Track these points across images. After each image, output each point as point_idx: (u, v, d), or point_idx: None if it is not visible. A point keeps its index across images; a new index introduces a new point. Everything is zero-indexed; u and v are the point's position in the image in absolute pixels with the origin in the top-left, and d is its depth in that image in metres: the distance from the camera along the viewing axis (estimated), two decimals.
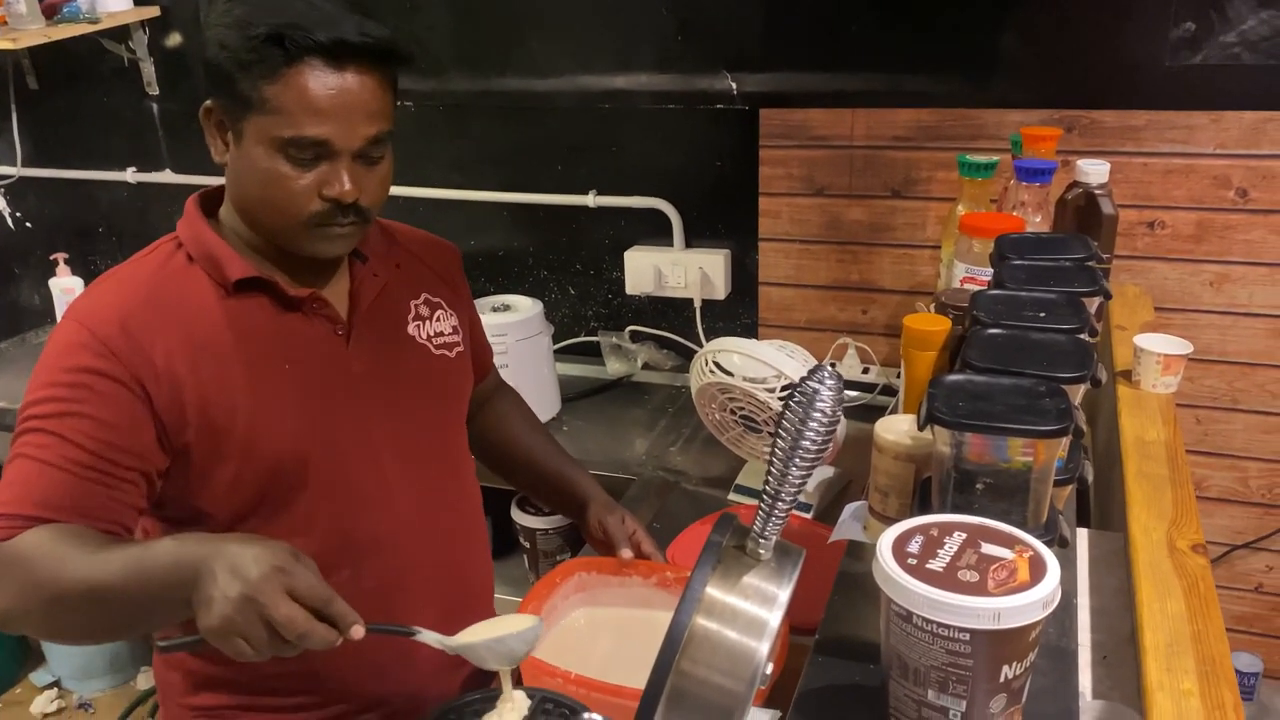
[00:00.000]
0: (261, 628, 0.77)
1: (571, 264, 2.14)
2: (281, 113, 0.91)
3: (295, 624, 0.77)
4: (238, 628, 0.77)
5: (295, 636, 0.77)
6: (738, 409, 1.50)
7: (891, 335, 1.89)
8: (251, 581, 0.78)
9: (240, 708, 1.06)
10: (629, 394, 2.05)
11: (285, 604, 0.78)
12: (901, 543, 0.77)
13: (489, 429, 1.32)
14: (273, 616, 0.77)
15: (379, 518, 1.04)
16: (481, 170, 2.11)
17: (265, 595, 0.77)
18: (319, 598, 0.80)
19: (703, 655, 0.71)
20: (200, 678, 1.06)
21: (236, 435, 0.94)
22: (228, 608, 0.78)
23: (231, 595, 0.78)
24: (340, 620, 0.80)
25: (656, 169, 2.00)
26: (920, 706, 0.76)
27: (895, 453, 0.99)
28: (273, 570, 0.79)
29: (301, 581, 0.79)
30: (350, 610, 0.81)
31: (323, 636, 0.79)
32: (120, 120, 2.36)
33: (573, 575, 1.19)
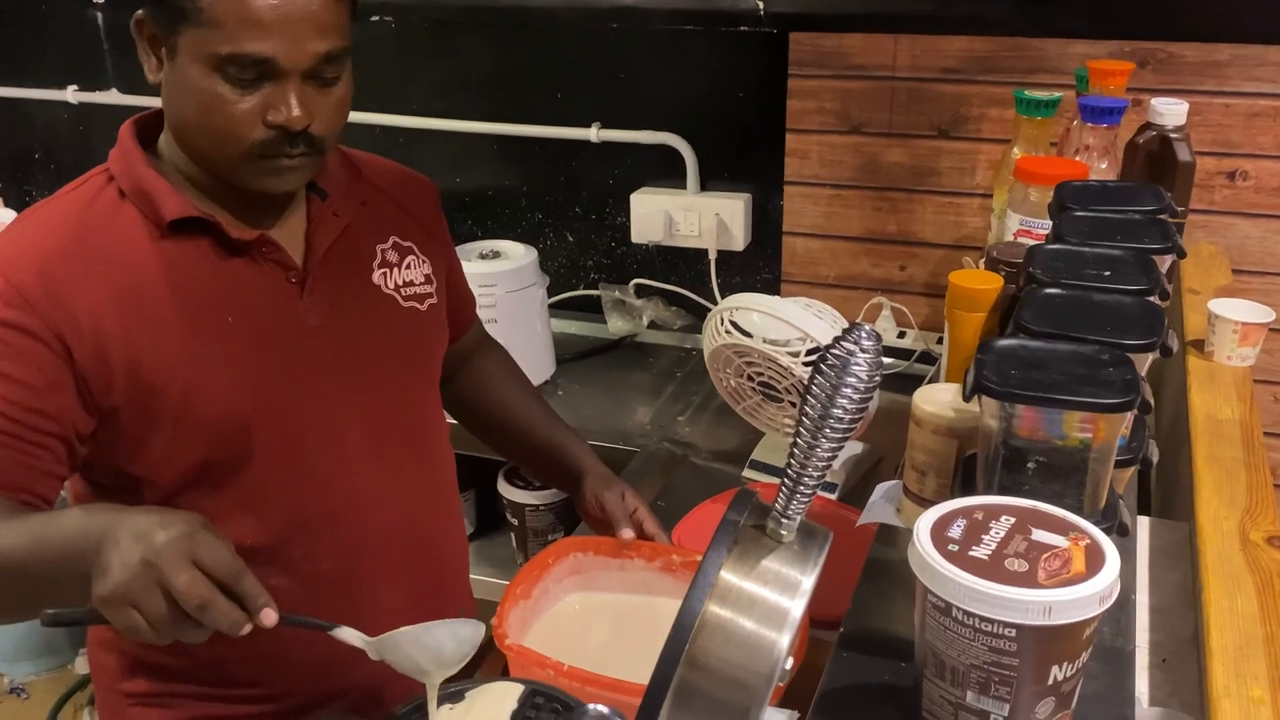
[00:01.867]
0: (158, 597, 0.77)
1: (570, 207, 2.12)
2: (218, 25, 0.89)
3: (195, 592, 0.77)
4: (132, 595, 0.78)
5: (195, 607, 0.77)
6: (756, 375, 1.49)
7: (933, 295, 1.89)
8: (153, 546, 0.78)
9: (180, 695, 1.07)
10: (632, 356, 2.05)
11: (187, 571, 0.78)
12: (942, 527, 0.77)
13: (472, 390, 1.32)
14: (171, 584, 0.77)
15: (335, 491, 1.04)
16: (468, 97, 2.10)
17: (166, 561, 0.78)
18: (228, 570, 0.80)
19: (715, 646, 0.71)
20: (136, 661, 1.07)
21: (171, 397, 0.94)
22: (124, 573, 0.78)
23: (131, 561, 0.78)
24: (249, 599, 0.80)
25: (669, 100, 1.98)
26: (957, 710, 0.77)
27: (935, 426, 0.99)
28: (179, 536, 0.79)
29: (209, 551, 0.79)
30: (263, 591, 0.81)
31: (226, 613, 0.79)
32: (59, 32, 2.33)
33: (566, 556, 1.20)
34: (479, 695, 0.94)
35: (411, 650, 0.90)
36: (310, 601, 1.03)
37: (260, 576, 1.00)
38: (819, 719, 0.86)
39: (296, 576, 1.03)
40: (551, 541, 1.60)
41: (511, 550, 1.90)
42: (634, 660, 1.08)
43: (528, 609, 1.15)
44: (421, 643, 0.90)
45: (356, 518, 1.06)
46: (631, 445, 1.74)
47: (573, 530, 1.50)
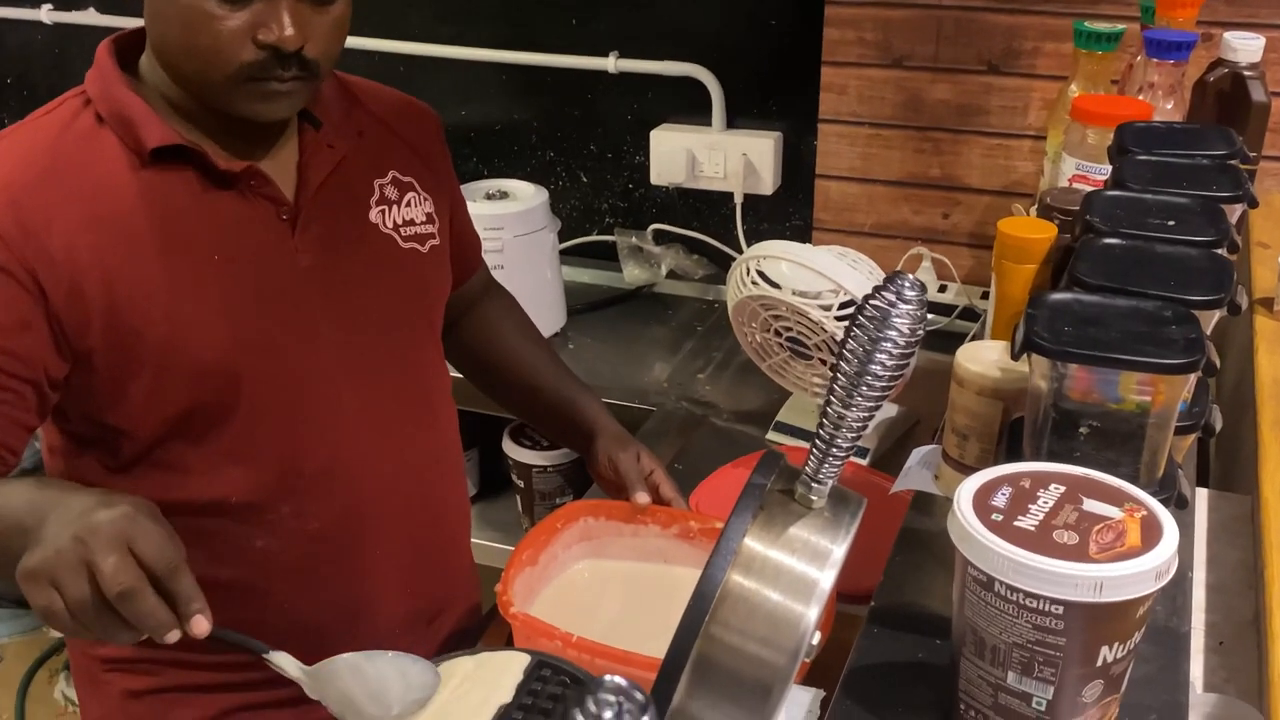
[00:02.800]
0: (80, 577, 0.76)
1: (584, 144, 2.11)
2: None
3: (119, 579, 0.76)
4: (55, 573, 0.77)
5: (116, 594, 0.76)
6: (783, 330, 1.49)
7: (978, 246, 1.87)
8: (88, 523, 0.78)
9: (159, 662, 1.08)
10: (650, 307, 2.05)
11: (117, 555, 0.76)
12: (985, 494, 0.77)
13: (476, 340, 1.32)
14: (98, 565, 0.76)
15: (328, 446, 1.04)
16: (475, 22, 2.08)
17: (97, 540, 0.77)
18: (164, 563, 0.78)
19: (737, 619, 0.72)
20: None
21: (152, 340, 0.94)
22: (51, 549, 0.77)
23: (61, 536, 0.77)
24: (181, 601, 0.78)
25: (694, 28, 1.96)
26: (997, 691, 0.77)
27: (980, 387, 0.98)
28: (118, 516, 0.78)
29: (147, 538, 0.78)
30: (198, 594, 0.80)
31: (151, 610, 0.77)
32: None
33: (576, 521, 1.20)
34: (481, 665, 0.94)
35: (350, 681, 0.87)
36: (301, 563, 1.04)
37: (248, 535, 1.02)
38: (846, 698, 0.86)
39: (287, 536, 1.04)
40: (559, 505, 1.61)
41: (516, 514, 1.91)
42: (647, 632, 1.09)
43: (534, 576, 1.15)
44: (362, 672, 0.88)
45: (351, 474, 1.06)
46: (647, 404, 1.74)
47: (583, 493, 1.51)
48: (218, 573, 0.90)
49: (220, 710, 1.08)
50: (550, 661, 0.95)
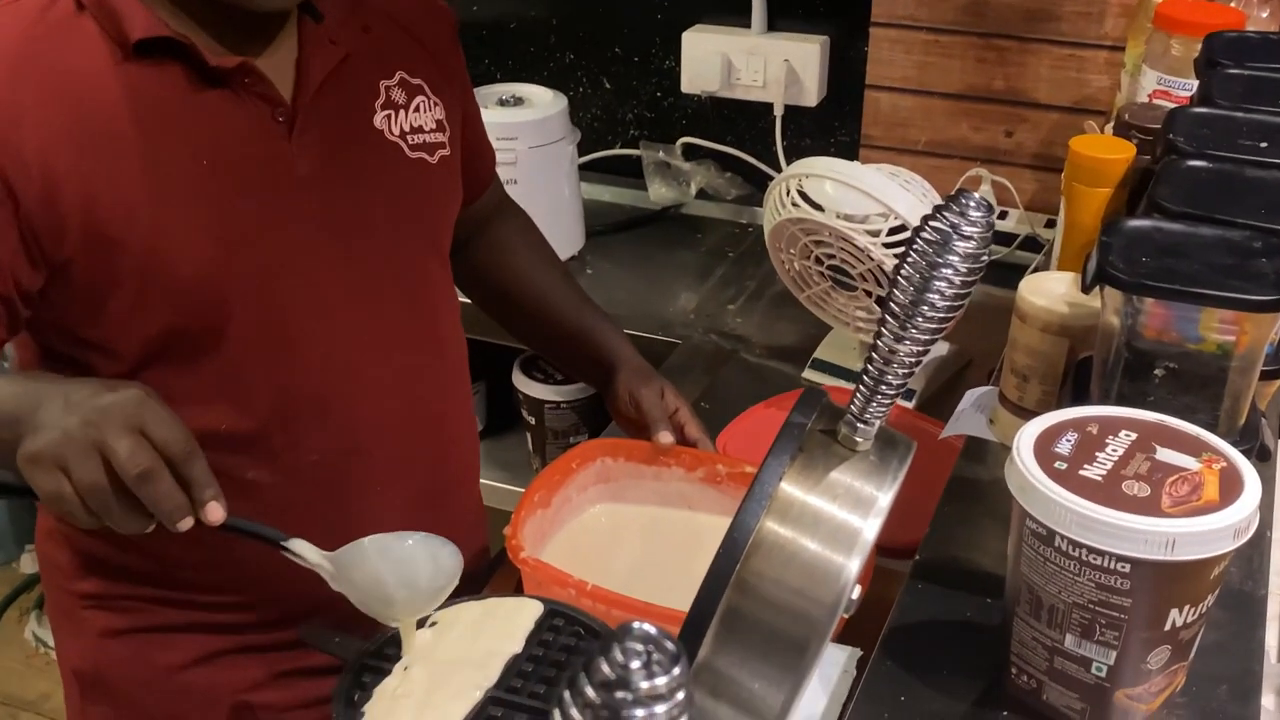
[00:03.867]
0: (94, 462, 0.79)
1: (608, 46, 2.09)
2: None
3: (138, 459, 0.78)
4: (63, 457, 0.79)
5: (136, 476, 0.78)
6: (825, 257, 1.48)
7: (1043, 168, 1.85)
8: (98, 406, 0.80)
9: (140, 599, 1.10)
10: (677, 230, 2.04)
11: (132, 438, 0.79)
12: (1048, 441, 0.77)
13: (487, 262, 1.31)
14: (112, 448, 0.78)
15: (324, 373, 1.05)
16: None
17: (109, 423, 0.79)
18: (178, 447, 0.81)
19: (771, 569, 0.72)
20: (90, 559, 1.10)
21: (133, 251, 0.93)
22: (58, 432, 0.79)
23: (69, 420, 0.80)
24: (196, 487, 0.82)
25: None
26: (1053, 655, 0.78)
27: (1044, 323, 0.98)
28: (128, 400, 0.80)
29: (160, 423, 0.80)
30: (213, 480, 0.83)
31: (169, 494, 0.80)
32: None
33: (593, 461, 1.21)
34: (489, 613, 0.95)
35: (378, 564, 0.89)
36: (296, 499, 1.05)
37: (239, 467, 1.03)
38: (886, 658, 0.87)
39: (280, 470, 1.04)
40: (573, 445, 1.61)
41: (526, 453, 1.92)
42: (667, 583, 1.10)
43: (546, 520, 1.16)
44: (392, 554, 0.90)
45: (349, 405, 1.07)
46: (672, 336, 1.73)
47: (598, 433, 1.51)
48: None
49: (205, 653, 1.10)
50: (563, 610, 0.96)
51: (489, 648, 0.91)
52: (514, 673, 0.90)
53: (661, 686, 0.39)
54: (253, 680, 1.11)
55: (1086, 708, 0.78)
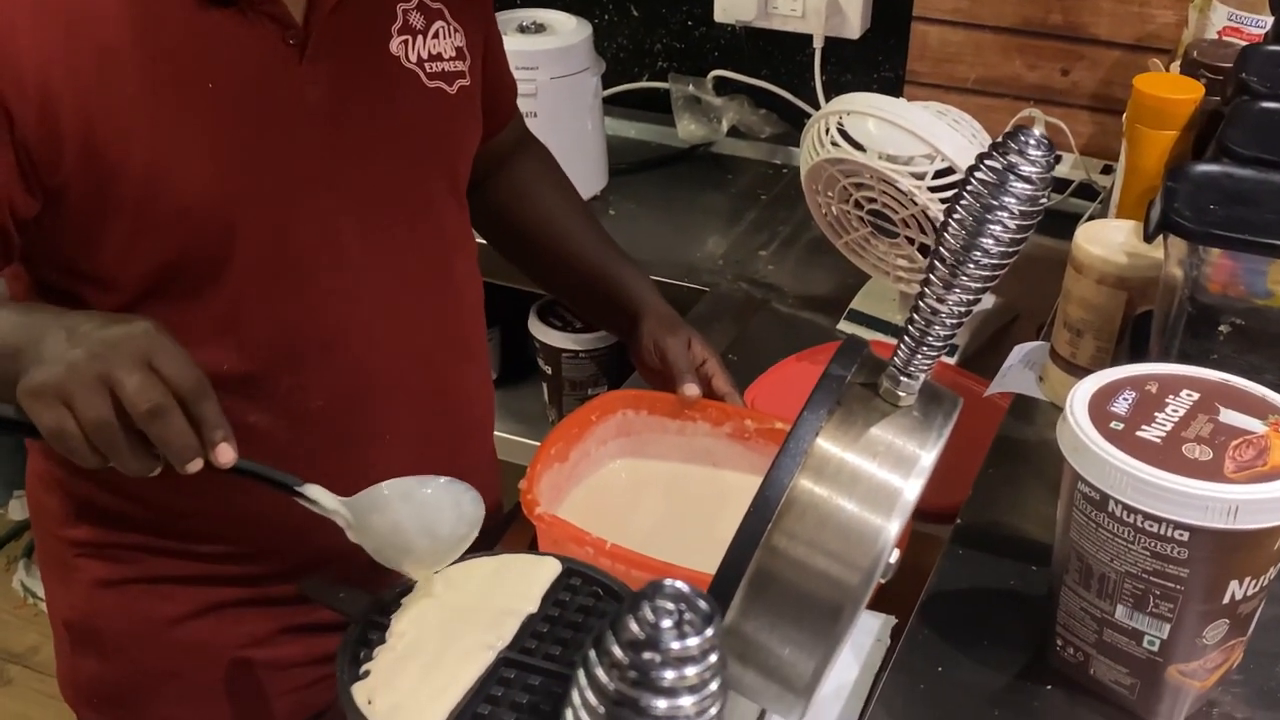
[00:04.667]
0: (101, 397, 0.79)
1: None
2: None
3: (148, 394, 0.79)
4: (68, 390, 0.79)
5: (145, 412, 0.79)
6: (866, 201, 1.47)
7: (1102, 110, 1.83)
8: (105, 338, 0.80)
9: (134, 548, 1.11)
10: (706, 170, 2.03)
11: (141, 372, 0.79)
12: (1104, 399, 0.77)
13: (506, 200, 1.31)
14: (121, 382, 0.78)
15: (334, 312, 1.05)
16: None
17: (118, 357, 0.79)
18: (189, 384, 0.81)
19: (805, 529, 0.72)
20: (83, 504, 1.11)
21: (132, 178, 0.93)
22: (63, 364, 0.79)
23: (75, 352, 0.80)
24: (207, 426, 0.82)
25: None
26: (1102, 627, 0.77)
27: (1101, 274, 0.97)
28: (138, 333, 0.81)
29: (170, 358, 0.81)
30: (224, 421, 0.83)
31: (180, 432, 0.80)
32: None
33: (614, 413, 1.21)
34: (504, 570, 0.96)
35: (399, 511, 0.90)
36: (299, 445, 1.05)
37: (240, 411, 1.03)
38: (924, 627, 0.87)
39: (284, 414, 1.05)
40: (591, 397, 1.61)
41: (542, 405, 1.92)
42: (690, 543, 1.10)
43: (563, 474, 1.16)
44: (414, 499, 0.90)
45: (358, 348, 1.07)
46: (699, 284, 1.73)
47: (618, 385, 1.51)
48: None
49: (203, 605, 1.11)
50: (581, 570, 0.96)
51: (502, 606, 0.91)
52: (528, 633, 0.90)
53: (693, 648, 0.39)
54: (252, 635, 1.12)
55: (1136, 683, 0.78)
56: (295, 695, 1.14)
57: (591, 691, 0.39)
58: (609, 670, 0.39)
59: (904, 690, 0.84)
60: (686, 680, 0.39)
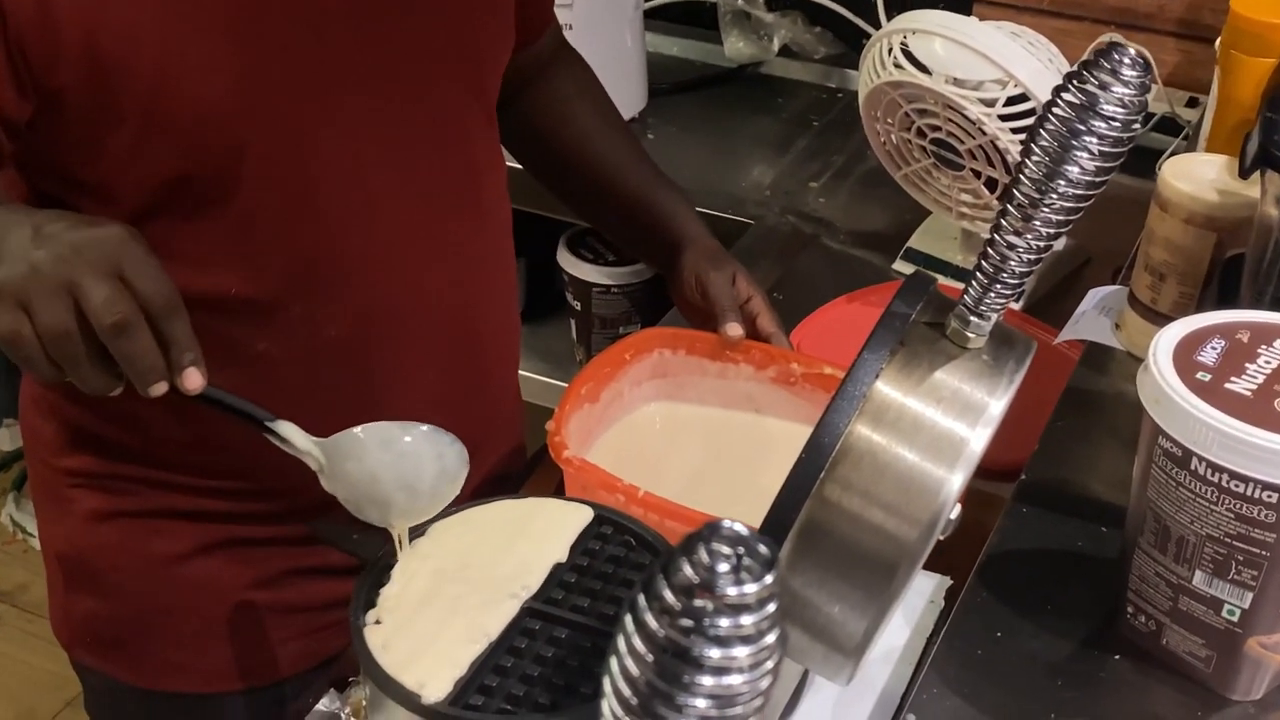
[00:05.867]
0: (62, 302, 0.77)
1: None
2: None
3: (115, 307, 0.77)
4: (27, 292, 0.78)
5: (109, 325, 0.77)
6: (929, 129, 1.45)
7: (1190, 37, 1.81)
8: (74, 242, 0.79)
9: (132, 480, 1.11)
10: (755, 92, 2.02)
11: (111, 282, 0.78)
12: (1190, 348, 0.76)
13: (540, 118, 1.30)
14: (86, 292, 0.77)
15: (352, 235, 1.04)
16: None
17: (84, 261, 0.78)
18: (161, 300, 0.80)
19: (861, 479, 0.72)
20: (80, 432, 1.11)
21: (138, 84, 0.93)
22: (22, 265, 0.78)
23: (38, 253, 0.79)
24: (175, 346, 0.81)
25: None
26: (1178, 594, 0.77)
27: (1189, 213, 0.96)
28: (109, 238, 0.80)
29: (143, 271, 0.79)
30: (195, 344, 0.82)
31: (146, 350, 0.79)
32: None
33: (650, 353, 1.20)
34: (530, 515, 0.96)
35: (376, 459, 0.89)
36: (312, 376, 1.05)
37: (249, 339, 1.03)
38: (981, 589, 0.87)
39: (295, 343, 1.05)
40: (623, 336, 1.61)
41: (569, 343, 1.92)
42: (727, 493, 1.10)
43: (593, 416, 1.16)
44: (394, 447, 0.90)
45: (376, 274, 1.06)
46: (743, 216, 1.72)
47: (652, 324, 1.50)
48: (209, 377, 0.92)
49: (206, 543, 1.12)
50: (613, 518, 0.96)
51: (528, 553, 0.91)
52: (555, 583, 0.91)
53: (751, 595, 0.38)
54: (259, 576, 1.13)
55: (1213, 655, 0.78)
56: (303, 641, 1.16)
57: (639, 638, 0.39)
58: (659, 617, 0.38)
59: (959, 656, 0.84)
60: (743, 630, 0.38)
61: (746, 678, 0.40)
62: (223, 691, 1.16)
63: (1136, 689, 0.81)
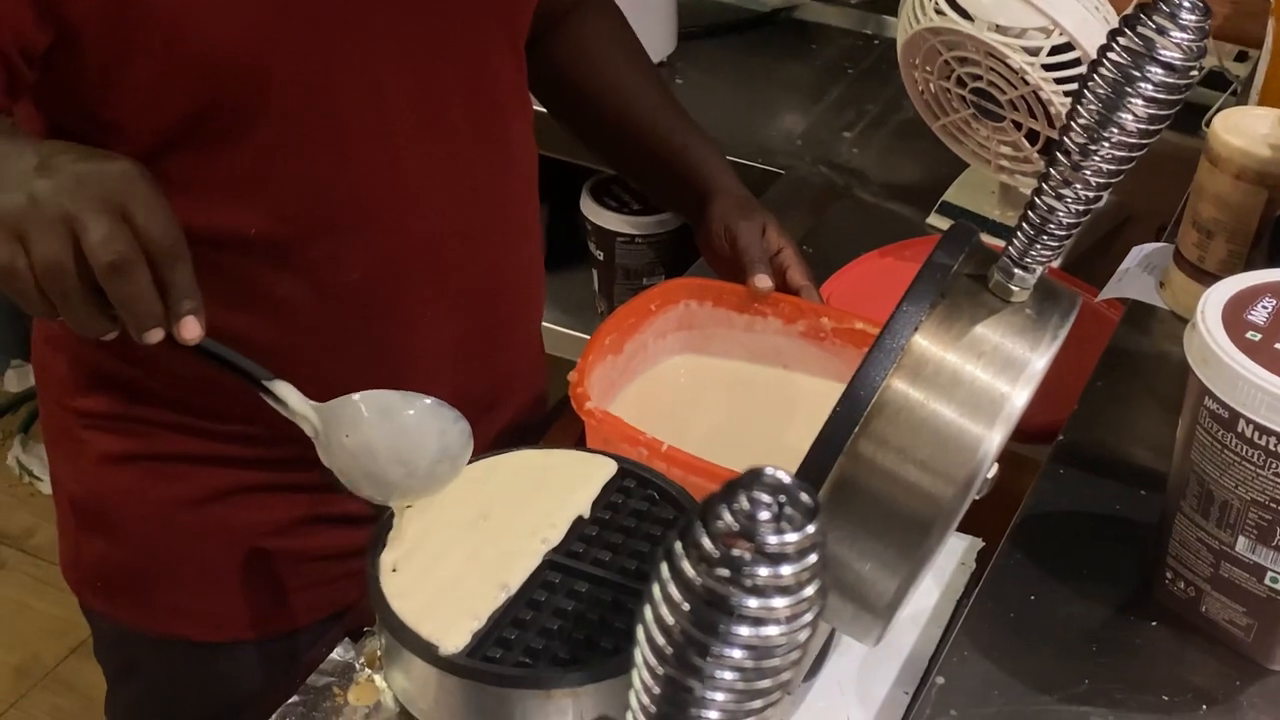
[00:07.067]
0: (58, 237, 0.76)
1: None
2: None
3: (114, 245, 0.76)
4: (24, 223, 0.77)
5: (106, 264, 0.76)
6: (970, 78, 1.44)
7: None
8: (77, 174, 0.78)
9: (148, 422, 1.11)
10: (788, 37, 2.01)
11: (112, 219, 0.77)
12: (1239, 307, 0.75)
13: (568, 61, 1.29)
14: (85, 227, 0.76)
15: (374, 175, 1.04)
16: None
17: (86, 194, 0.77)
18: (164, 242, 0.78)
19: (897, 434, 0.72)
20: (94, 373, 1.11)
21: (157, 17, 0.92)
22: (21, 194, 0.78)
23: (39, 185, 0.78)
24: (174, 293, 0.80)
25: None
26: (1220, 560, 0.77)
27: (1240, 168, 0.95)
28: (115, 174, 0.79)
29: (148, 209, 0.78)
30: (196, 292, 0.81)
31: (143, 292, 0.78)
32: None
33: (676, 304, 1.20)
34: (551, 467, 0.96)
35: (375, 430, 0.88)
36: (332, 320, 1.06)
37: (268, 280, 1.03)
38: (1015, 551, 0.87)
39: (316, 285, 1.04)
40: (647, 287, 1.61)
41: (591, 294, 1.93)
42: (753, 449, 1.10)
43: (617, 368, 1.16)
44: (394, 419, 0.89)
45: (401, 216, 1.06)
46: (773, 165, 1.72)
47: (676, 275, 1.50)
48: (227, 319, 0.91)
49: (219, 489, 1.12)
50: (637, 471, 0.97)
51: (550, 505, 0.92)
52: (576, 536, 0.91)
53: (792, 545, 0.38)
54: (274, 523, 1.13)
55: (1253, 624, 0.77)
56: (319, 590, 1.16)
57: (675, 585, 0.39)
58: (697, 564, 0.38)
59: (991, 618, 0.84)
60: (782, 580, 0.38)
61: (784, 629, 0.39)
62: (235, 640, 1.16)
63: (1173, 657, 0.81)
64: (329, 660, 0.95)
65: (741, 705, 0.41)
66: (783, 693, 0.42)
